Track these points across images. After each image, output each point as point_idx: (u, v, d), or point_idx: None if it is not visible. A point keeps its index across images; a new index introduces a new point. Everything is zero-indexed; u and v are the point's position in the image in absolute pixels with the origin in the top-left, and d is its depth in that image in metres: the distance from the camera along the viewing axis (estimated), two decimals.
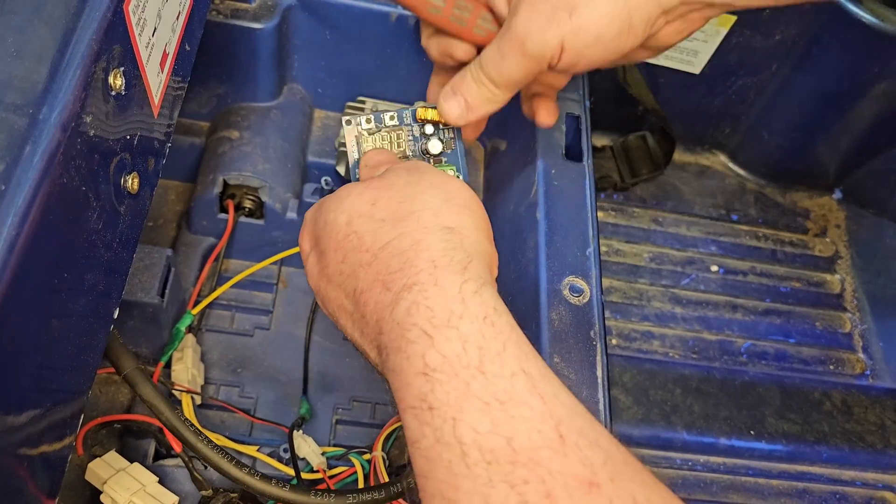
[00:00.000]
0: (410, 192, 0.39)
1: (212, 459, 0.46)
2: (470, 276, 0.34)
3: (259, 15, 0.62)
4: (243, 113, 0.67)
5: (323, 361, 0.65)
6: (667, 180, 0.93)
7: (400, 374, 0.33)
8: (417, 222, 0.37)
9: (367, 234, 0.38)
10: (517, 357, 0.32)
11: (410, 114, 0.49)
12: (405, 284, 0.34)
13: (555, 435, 0.29)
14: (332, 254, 0.40)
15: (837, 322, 0.88)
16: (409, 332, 0.33)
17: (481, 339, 0.32)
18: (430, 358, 0.32)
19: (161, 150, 0.44)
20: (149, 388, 0.46)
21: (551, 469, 0.29)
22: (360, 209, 0.39)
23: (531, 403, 0.30)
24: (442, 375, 0.31)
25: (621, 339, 0.81)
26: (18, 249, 0.28)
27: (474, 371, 0.31)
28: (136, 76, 0.38)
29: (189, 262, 0.65)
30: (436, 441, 0.30)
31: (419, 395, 0.31)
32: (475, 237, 0.38)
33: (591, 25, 0.41)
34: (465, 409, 0.30)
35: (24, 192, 0.28)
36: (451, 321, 0.32)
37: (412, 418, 0.31)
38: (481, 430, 0.29)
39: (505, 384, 0.31)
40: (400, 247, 0.36)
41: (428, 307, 0.33)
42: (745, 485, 0.74)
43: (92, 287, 0.36)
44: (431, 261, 0.35)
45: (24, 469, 0.32)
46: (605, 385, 0.47)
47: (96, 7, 0.33)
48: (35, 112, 0.30)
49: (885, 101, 0.83)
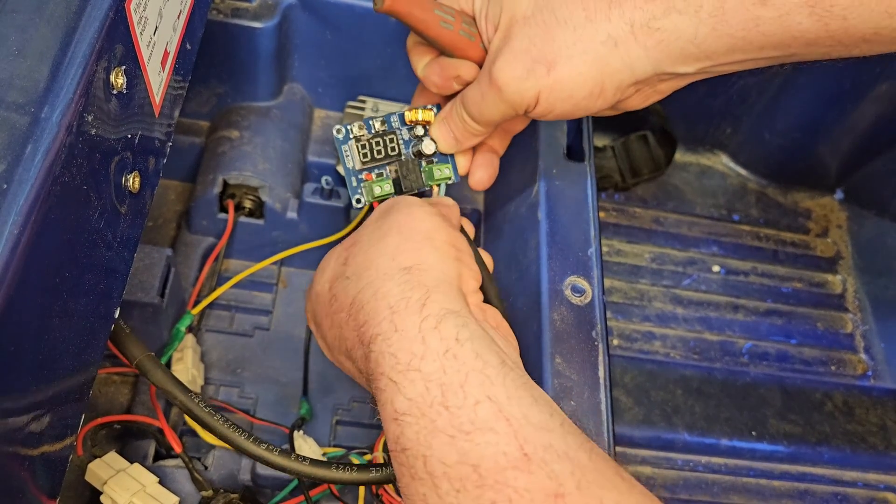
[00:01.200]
0: (374, 239, 0.42)
1: (230, 437, 0.46)
2: (429, 312, 0.36)
3: (259, 14, 0.62)
4: (243, 112, 0.67)
5: (323, 362, 0.65)
6: (668, 180, 0.93)
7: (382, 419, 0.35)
8: (377, 271, 0.40)
9: (340, 294, 0.41)
10: (481, 385, 0.33)
11: (398, 118, 0.50)
12: (371, 336, 0.37)
13: (520, 455, 0.31)
14: (325, 322, 0.43)
15: (839, 323, 0.88)
16: (379, 381, 0.35)
17: (443, 374, 0.34)
18: (398, 404, 0.34)
19: (162, 150, 0.43)
20: (161, 373, 0.46)
21: (517, 487, 0.30)
22: (337, 272, 0.43)
23: (496, 428, 0.32)
24: (409, 418, 0.33)
25: (622, 340, 0.81)
26: (20, 249, 0.28)
27: (438, 408, 0.33)
28: (137, 75, 0.38)
29: (189, 261, 0.65)
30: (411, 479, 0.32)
31: (393, 438, 0.34)
32: (437, 268, 0.40)
33: (566, 83, 0.42)
34: (433, 445, 0.32)
35: (26, 191, 0.28)
36: (413, 363, 0.34)
37: (393, 461, 0.34)
38: (449, 462, 0.31)
39: (469, 414, 0.32)
40: (363, 299, 0.39)
41: (392, 354, 0.35)
42: (746, 486, 0.74)
43: (93, 287, 0.36)
44: (390, 307, 0.37)
45: (26, 470, 0.32)
46: (606, 386, 0.47)
47: (98, 6, 0.33)
48: (37, 111, 0.30)
49: (886, 101, 0.83)
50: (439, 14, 0.46)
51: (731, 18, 0.39)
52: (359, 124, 0.50)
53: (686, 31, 0.40)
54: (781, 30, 0.38)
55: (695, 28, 0.39)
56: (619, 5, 0.40)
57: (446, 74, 0.48)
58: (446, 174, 0.51)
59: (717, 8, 0.39)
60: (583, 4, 0.41)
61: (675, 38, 0.40)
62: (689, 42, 0.40)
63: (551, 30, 0.42)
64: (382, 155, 0.50)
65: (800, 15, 0.37)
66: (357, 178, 0.50)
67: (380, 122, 0.50)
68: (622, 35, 0.40)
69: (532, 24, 0.42)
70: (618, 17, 0.40)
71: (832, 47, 0.39)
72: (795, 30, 0.38)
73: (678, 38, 0.40)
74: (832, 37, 0.38)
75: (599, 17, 0.41)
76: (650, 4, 0.40)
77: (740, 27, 0.39)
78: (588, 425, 0.45)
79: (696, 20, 0.39)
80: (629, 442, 0.72)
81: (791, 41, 0.39)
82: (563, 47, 0.41)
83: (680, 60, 0.41)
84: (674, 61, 0.41)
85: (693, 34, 0.40)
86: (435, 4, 0.46)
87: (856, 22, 0.37)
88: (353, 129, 0.49)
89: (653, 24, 0.40)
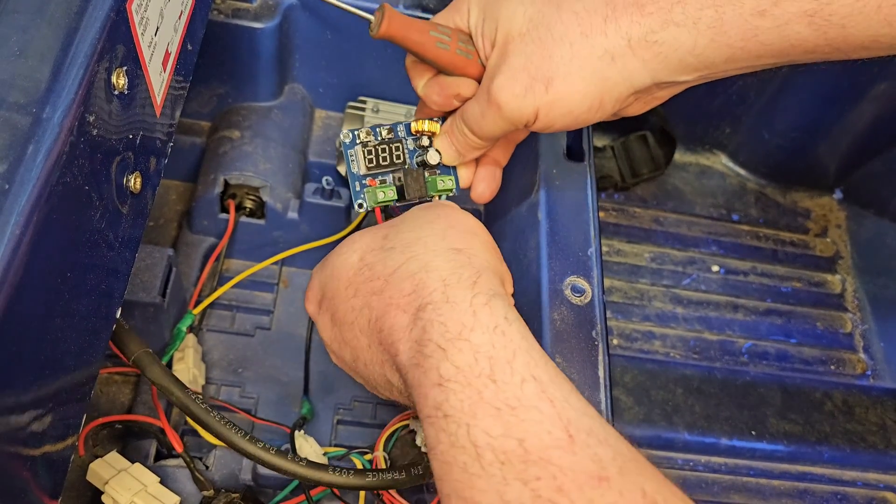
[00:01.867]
0: (418, 223, 0.42)
1: (225, 436, 0.46)
2: (480, 290, 0.37)
3: (260, 15, 0.62)
4: (244, 113, 0.67)
5: (324, 361, 0.65)
6: (667, 180, 0.93)
7: (419, 387, 0.35)
8: (425, 247, 0.40)
9: (377, 264, 0.41)
10: (527, 364, 0.34)
11: (405, 127, 0.51)
12: (420, 305, 0.37)
13: (564, 435, 0.31)
14: (343, 292, 0.43)
15: (838, 322, 0.88)
16: (425, 347, 0.35)
17: (491, 349, 0.34)
18: (444, 370, 0.34)
19: (163, 150, 0.44)
20: (158, 369, 0.45)
21: (562, 466, 0.30)
22: (373, 244, 0.42)
23: (541, 407, 0.32)
24: (455, 385, 0.33)
25: (622, 340, 0.81)
26: (22, 249, 0.28)
27: (486, 380, 0.33)
28: (138, 75, 0.38)
29: (190, 261, 0.65)
30: (451, 445, 0.32)
31: (435, 404, 0.33)
32: (483, 255, 0.41)
33: (565, 100, 0.42)
34: (478, 415, 0.32)
35: (28, 191, 0.28)
36: (463, 333, 0.35)
37: (429, 426, 0.34)
38: (494, 434, 0.31)
39: (515, 391, 0.33)
40: (410, 270, 0.39)
41: (441, 323, 0.35)
42: (746, 485, 0.74)
43: (94, 287, 0.36)
44: (442, 280, 0.37)
45: (28, 469, 0.32)
46: (606, 385, 0.47)
47: (99, 6, 0.33)
48: (38, 111, 0.30)
49: (885, 100, 0.83)
50: (435, 35, 0.46)
51: (730, 30, 0.39)
52: (366, 130, 0.50)
53: (685, 44, 0.40)
54: (780, 39, 0.38)
55: (693, 40, 0.39)
56: (615, 20, 0.40)
57: (446, 93, 0.48)
58: (448, 185, 0.51)
59: (716, 20, 0.39)
60: (577, 20, 0.41)
61: (674, 51, 0.40)
62: (687, 53, 0.40)
63: (547, 47, 0.42)
64: (387, 162, 0.50)
65: (799, 25, 0.37)
66: (361, 184, 0.50)
67: (387, 131, 0.51)
68: (619, 49, 0.40)
69: (528, 41, 0.42)
70: (614, 31, 0.40)
71: (830, 54, 0.39)
72: (794, 39, 0.38)
73: (676, 49, 0.40)
74: (830, 44, 0.38)
75: (595, 32, 0.41)
76: (647, 18, 0.40)
77: (739, 38, 0.39)
78: None
79: (695, 32, 0.39)
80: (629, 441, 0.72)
81: (790, 49, 0.39)
82: (561, 64, 0.41)
83: (678, 71, 0.41)
84: (672, 72, 0.41)
85: (692, 46, 0.40)
86: (430, 26, 0.46)
87: (854, 31, 0.37)
88: (361, 135, 0.50)
89: (650, 38, 0.40)
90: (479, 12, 0.46)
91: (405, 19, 0.46)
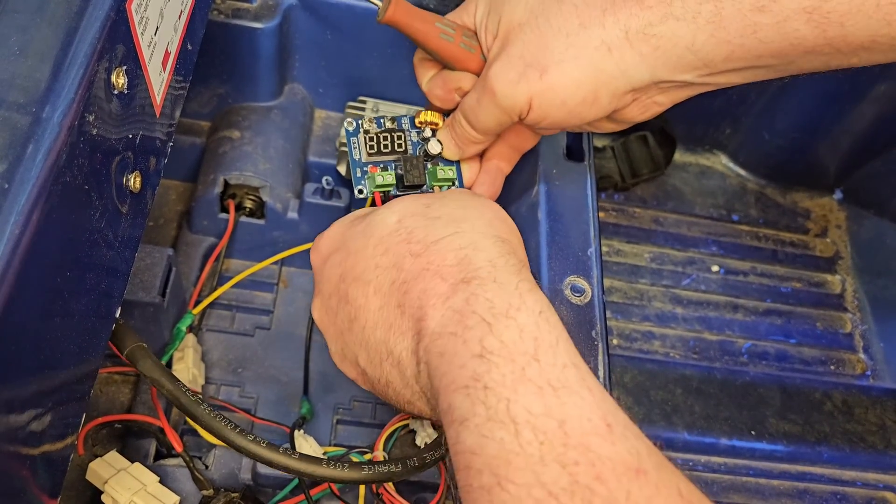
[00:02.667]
0: (465, 203, 0.42)
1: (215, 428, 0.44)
2: (524, 277, 0.37)
3: (260, 15, 0.62)
4: (244, 113, 0.67)
5: (324, 361, 0.65)
6: (667, 180, 0.93)
7: (452, 356, 0.34)
8: (472, 227, 0.40)
9: (418, 229, 0.40)
10: (568, 351, 0.34)
11: (409, 120, 0.52)
12: (464, 278, 0.37)
13: (603, 424, 0.31)
14: (370, 249, 0.41)
15: (838, 322, 0.88)
16: (468, 318, 0.35)
17: (536, 330, 0.34)
18: (487, 342, 0.33)
19: (163, 150, 0.44)
20: (149, 362, 0.45)
21: (601, 454, 0.30)
22: (414, 209, 0.42)
23: (581, 393, 0.32)
24: (499, 359, 0.33)
25: (622, 340, 0.81)
26: (22, 249, 0.28)
27: (529, 358, 0.33)
28: (138, 75, 0.38)
29: (190, 261, 0.65)
30: (488, 419, 0.31)
31: (474, 375, 0.33)
32: (522, 252, 0.41)
33: (559, 89, 0.42)
34: (519, 391, 0.32)
35: (27, 191, 0.28)
36: (510, 312, 0.34)
37: (464, 398, 0.33)
38: (535, 412, 0.31)
39: (558, 373, 0.32)
40: (457, 243, 0.38)
41: (487, 299, 0.35)
42: (745, 485, 0.74)
43: (94, 286, 0.36)
44: (490, 260, 0.37)
45: (27, 469, 0.32)
46: (606, 385, 0.47)
47: (99, 6, 0.33)
48: (38, 111, 0.30)
49: (885, 101, 0.83)
50: (440, 27, 0.47)
51: (729, 25, 0.38)
52: (369, 118, 0.51)
53: (683, 38, 0.40)
54: (779, 37, 0.38)
55: (692, 35, 0.39)
56: (613, 13, 0.40)
57: (448, 87, 0.48)
58: (449, 175, 0.51)
59: (715, 14, 0.38)
60: (576, 11, 0.41)
61: (673, 45, 0.40)
62: (686, 49, 0.40)
63: (545, 36, 0.42)
64: (389, 150, 0.51)
65: (797, 21, 0.37)
66: (362, 170, 0.51)
67: (390, 121, 0.51)
68: (616, 41, 0.40)
69: (527, 31, 0.43)
70: (612, 23, 0.40)
71: (831, 56, 0.39)
72: (793, 37, 0.38)
73: (675, 44, 0.40)
74: (830, 44, 0.38)
75: (593, 23, 0.41)
76: (646, 11, 0.40)
77: (738, 34, 0.39)
78: None
79: (694, 26, 0.39)
80: None
81: (789, 49, 0.39)
82: (556, 52, 0.41)
83: (678, 68, 0.41)
84: (671, 69, 0.41)
85: (691, 41, 0.39)
86: (436, 18, 0.47)
87: (853, 29, 0.37)
88: (364, 124, 0.51)
89: (649, 31, 0.40)
90: (485, 7, 0.47)
91: (411, 7, 0.47)
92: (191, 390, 0.46)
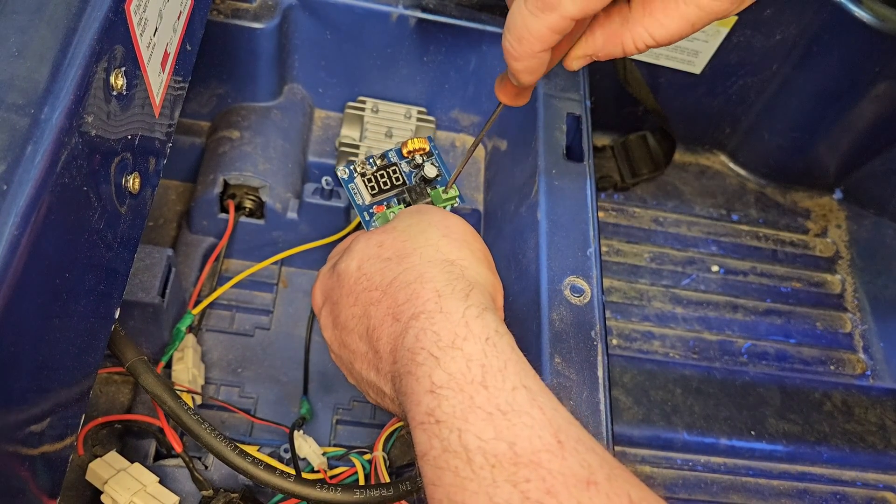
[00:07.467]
0: (413, 231, 0.42)
1: (216, 448, 0.46)
2: (472, 303, 0.37)
3: (260, 15, 0.62)
4: (244, 113, 0.67)
5: (323, 361, 0.65)
6: (667, 180, 0.93)
7: (411, 395, 0.35)
8: (420, 257, 0.40)
9: (375, 274, 0.41)
10: (517, 374, 0.34)
11: (395, 152, 0.52)
12: (413, 314, 0.37)
13: (554, 441, 0.32)
14: (344, 300, 0.43)
15: (838, 322, 0.88)
16: (417, 355, 0.36)
17: (483, 357, 0.35)
18: (436, 377, 0.34)
19: (162, 150, 0.44)
20: (151, 378, 0.46)
21: (551, 469, 0.31)
22: (369, 252, 0.43)
23: (531, 413, 0.33)
24: (448, 391, 0.34)
25: (622, 340, 0.81)
26: (20, 250, 0.28)
27: (477, 386, 0.34)
28: (137, 76, 0.38)
29: (189, 261, 0.65)
30: (443, 451, 0.33)
31: (427, 410, 0.34)
32: (476, 268, 0.41)
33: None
34: (469, 419, 0.33)
35: (26, 192, 0.28)
36: (456, 343, 0.35)
37: (421, 433, 0.34)
38: (485, 438, 0.32)
39: (507, 396, 0.33)
40: (405, 280, 0.39)
41: (434, 332, 0.36)
42: (745, 485, 0.74)
43: (93, 287, 0.36)
44: (436, 290, 0.38)
45: (26, 469, 0.32)
46: (605, 385, 0.47)
47: (98, 7, 0.33)
48: (37, 112, 0.30)
49: (885, 100, 0.83)
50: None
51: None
52: (361, 161, 0.51)
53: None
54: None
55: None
56: None
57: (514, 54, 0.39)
58: (452, 195, 0.51)
59: None
60: None
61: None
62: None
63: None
64: (389, 185, 0.51)
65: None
66: (369, 213, 0.51)
67: (380, 158, 0.51)
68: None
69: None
70: None
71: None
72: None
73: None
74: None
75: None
76: None
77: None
78: (587, 425, 0.45)
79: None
80: (628, 441, 0.73)
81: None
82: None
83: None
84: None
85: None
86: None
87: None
88: (357, 168, 0.51)
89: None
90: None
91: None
92: (191, 408, 0.46)
